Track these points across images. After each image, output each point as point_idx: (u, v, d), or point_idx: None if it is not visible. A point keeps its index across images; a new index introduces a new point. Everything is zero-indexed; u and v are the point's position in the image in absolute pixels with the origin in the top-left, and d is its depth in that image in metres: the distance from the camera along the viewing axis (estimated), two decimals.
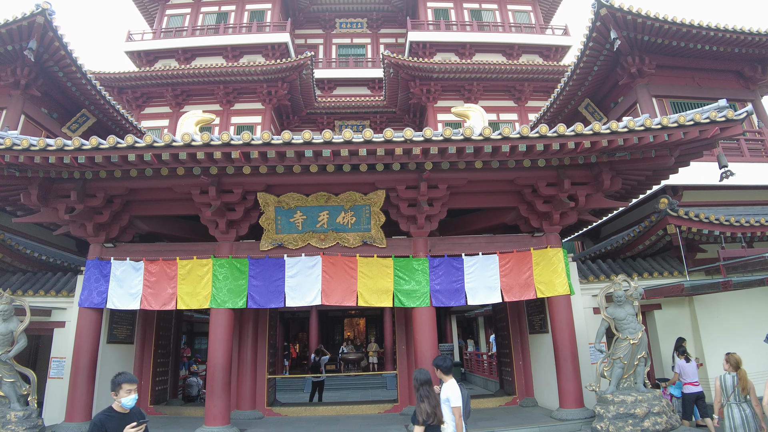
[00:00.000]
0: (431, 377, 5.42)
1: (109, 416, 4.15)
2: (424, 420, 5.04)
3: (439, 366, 5.87)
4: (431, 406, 5.09)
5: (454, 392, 5.59)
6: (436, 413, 5.09)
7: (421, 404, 5.11)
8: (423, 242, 9.66)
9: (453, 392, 5.59)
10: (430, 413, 5.05)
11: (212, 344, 9.10)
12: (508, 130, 7.74)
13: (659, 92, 13.96)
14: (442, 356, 6.06)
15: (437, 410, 5.12)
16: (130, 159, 7.79)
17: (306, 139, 7.40)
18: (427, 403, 5.11)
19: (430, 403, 5.12)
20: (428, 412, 5.05)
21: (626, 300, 8.84)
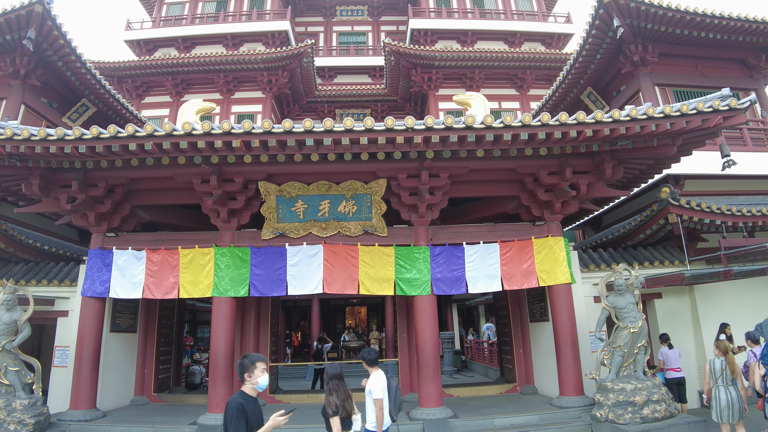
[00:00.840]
0: (341, 372, 5.50)
1: (246, 400, 3.89)
2: (333, 412, 5.15)
3: (363, 358, 6.07)
4: (340, 399, 5.19)
5: (376, 384, 5.74)
6: (344, 406, 5.19)
7: (330, 397, 5.23)
8: (424, 231, 9.66)
9: (376, 384, 5.75)
10: (339, 405, 5.16)
11: (215, 332, 9.16)
12: (510, 119, 7.72)
13: (662, 81, 13.87)
14: (367, 349, 6.25)
15: (346, 403, 5.21)
16: (130, 148, 7.78)
17: (307, 128, 7.38)
18: (335, 396, 5.22)
19: (339, 396, 5.22)
20: (337, 405, 5.16)
21: (627, 289, 8.87)
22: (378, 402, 5.70)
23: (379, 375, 5.90)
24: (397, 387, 6.22)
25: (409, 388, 10.99)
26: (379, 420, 5.69)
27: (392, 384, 6.09)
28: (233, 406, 3.74)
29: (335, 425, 5.12)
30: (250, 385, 3.93)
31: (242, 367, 3.94)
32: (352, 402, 5.31)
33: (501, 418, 8.69)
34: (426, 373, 8.97)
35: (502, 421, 8.63)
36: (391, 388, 6.04)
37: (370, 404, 5.79)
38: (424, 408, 8.82)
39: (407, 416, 9.00)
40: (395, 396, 6.10)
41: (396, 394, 6.15)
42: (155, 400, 11.24)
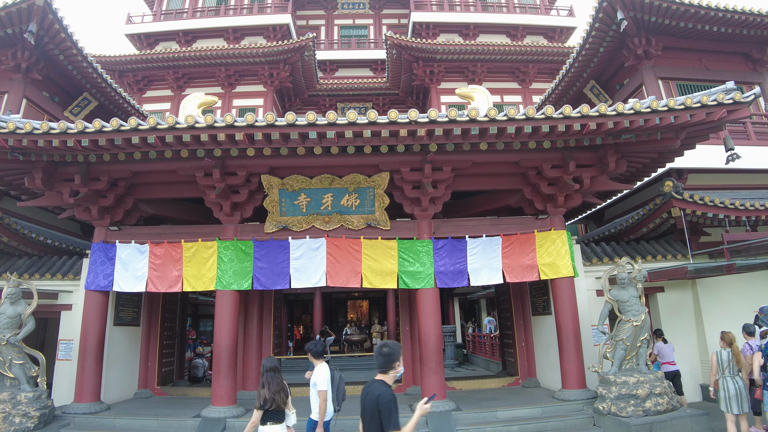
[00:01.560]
0: (277, 365, 5.59)
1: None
2: (261, 405, 5.20)
3: (310, 350, 6.25)
4: (271, 392, 5.24)
5: (320, 376, 5.96)
6: (275, 399, 5.23)
7: (261, 390, 5.28)
8: (427, 224, 9.66)
9: (320, 376, 5.96)
10: (268, 398, 5.20)
11: (218, 326, 9.18)
12: (513, 112, 7.69)
13: (665, 74, 13.81)
14: (314, 341, 6.41)
15: (277, 396, 5.25)
16: (133, 142, 7.77)
17: (310, 121, 7.36)
18: (267, 388, 5.26)
19: (270, 389, 5.26)
20: (266, 398, 5.21)
21: (630, 282, 8.87)
22: (321, 393, 5.93)
23: (324, 367, 6.12)
24: (341, 379, 6.49)
25: (411, 381, 11.04)
26: (322, 410, 5.93)
27: (336, 376, 6.38)
28: (391, 396, 3.67)
29: (255, 417, 5.22)
30: (394, 373, 3.85)
31: (393, 356, 3.82)
32: (285, 396, 5.37)
33: (504, 410, 8.72)
34: (429, 366, 8.99)
35: (505, 414, 8.66)
36: (335, 379, 6.34)
37: (314, 395, 6.03)
38: None
39: (410, 409, 9.02)
40: (338, 387, 6.39)
41: (339, 385, 6.43)
42: (159, 393, 11.29)
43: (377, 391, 3.68)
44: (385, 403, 3.60)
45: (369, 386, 3.83)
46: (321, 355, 6.27)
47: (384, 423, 3.57)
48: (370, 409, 3.69)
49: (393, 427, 3.54)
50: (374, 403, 3.65)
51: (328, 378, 6.06)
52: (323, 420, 5.97)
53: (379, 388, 3.72)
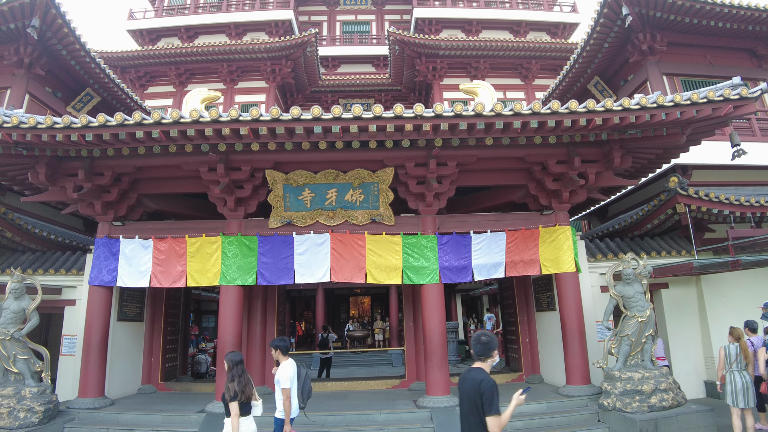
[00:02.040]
0: (243, 359, 5.75)
1: None
2: (233, 397, 5.34)
3: (278, 346, 6.20)
4: (240, 385, 5.39)
5: (284, 374, 5.92)
6: (244, 391, 5.40)
7: (230, 384, 5.41)
8: (431, 220, 9.64)
9: (283, 374, 5.92)
10: (237, 391, 5.35)
11: (222, 321, 9.17)
12: (519, 106, 7.66)
13: (670, 70, 13.77)
14: (279, 337, 6.45)
15: (246, 389, 5.43)
16: (138, 136, 7.74)
17: (315, 115, 7.33)
18: (236, 382, 5.40)
19: (240, 382, 5.41)
20: (236, 390, 5.35)
21: (635, 278, 8.85)
22: (285, 391, 5.90)
23: (289, 364, 6.07)
24: (307, 376, 6.43)
25: (415, 376, 11.02)
26: (287, 408, 5.90)
27: (302, 373, 6.32)
28: (493, 382, 3.81)
29: (233, 409, 5.32)
30: (491, 361, 4.00)
31: (490, 345, 3.97)
32: (252, 388, 5.56)
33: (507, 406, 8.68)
34: (433, 362, 8.98)
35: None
36: (301, 376, 6.28)
37: (279, 393, 5.99)
38: (431, 396, 8.84)
39: (414, 404, 9.02)
40: (304, 384, 6.33)
41: (305, 382, 6.38)
42: (162, 389, 11.30)
43: (479, 377, 3.82)
44: (487, 388, 3.74)
45: (468, 373, 3.99)
46: (287, 352, 6.25)
47: (485, 407, 3.70)
48: (469, 394, 3.84)
49: (494, 412, 3.68)
50: (476, 389, 3.77)
51: (292, 375, 6.01)
52: (289, 417, 5.95)
53: (480, 374, 3.86)
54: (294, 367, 6.13)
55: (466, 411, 3.89)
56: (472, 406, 3.79)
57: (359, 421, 8.38)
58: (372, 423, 8.34)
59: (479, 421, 3.75)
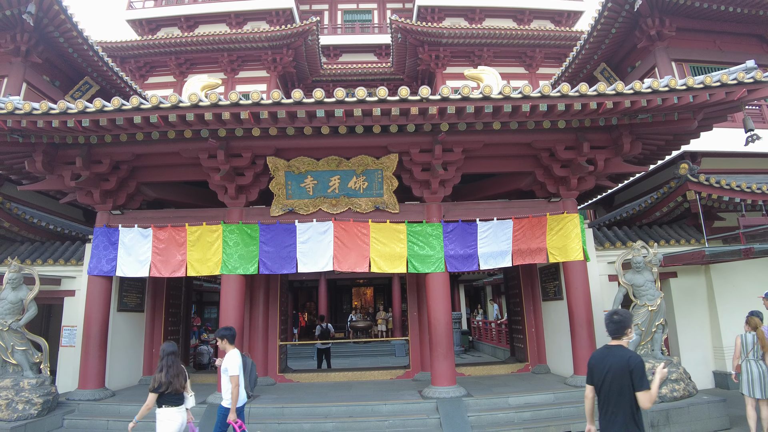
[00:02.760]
0: (176, 349, 5.71)
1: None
2: (155, 388, 5.34)
3: (224, 336, 6.12)
4: (169, 377, 5.36)
5: (231, 362, 5.89)
6: (172, 383, 5.36)
7: (158, 374, 5.39)
8: (437, 207, 9.43)
9: (231, 362, 5.89)
10: (164, 382, 5.34)
11: (224, 311, 9.00)
12: (528, 89, 7.44)
13: (679, 56, 13.49)
14: (226, 327, 6.30)
15: (175, 380, 5.40)
16: (135, 121, 7.53)
17: (317, 98, 7.11)
18: (164, 372, 5.37)
19: (169, 373, 5.38)
20: (162, 381, 5.34)
21: (645, 266, 8.68)
22: (233, 379, 5.85)
23: (234, 353, 6.02)
24: (252, 365, 6.44)
25: (420, 366, 10.88)
26: (234, 396, 5.85)
27: (247, 362, 6.30)
28: (641, 358, 3.95)
29: (149, 400, 5.35)
30: (626, 339, 4.14)
31: (624, 322, 4.12)
32: (184, 380, 5.54)
33: (515, 396, 8.55)
34: (439, 352, 8.81)
35: (517, 400, 8.49)
36: (247, 365, 6.27)
37: (225, 382, 5.93)
38: (437, 386, 8.68)
39: (420, 395, 8.87)
40: (250, 373, 6.34)
41: (251, 371, 6.38)
42: None
43: (626, 354, 3.96)
44: (637, 364, 3.88)
45: (607, 351, 4.12)
46: (234, 340, 6.17)
47: (636, 383, 3.82)
48: (616, 371, 3.92)
49: (646, 387, 3.81)
50: (624, 365, 3.88)
51: (239, 364, 5.97)
52: (235, 406, 5.88)
53: (625, 351, 4.01)
54: (240, 355, 6.10)
55: (611, 387, 3.94)
56: (620, 382, 3.88)
57: (363, 412, 8.23)
58: (377, 414, 8.19)
59: (628, 396, 3.85)
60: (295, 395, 9.32)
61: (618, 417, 3.87)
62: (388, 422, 7.85)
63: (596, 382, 4.10)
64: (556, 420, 8.01)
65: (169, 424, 5.42)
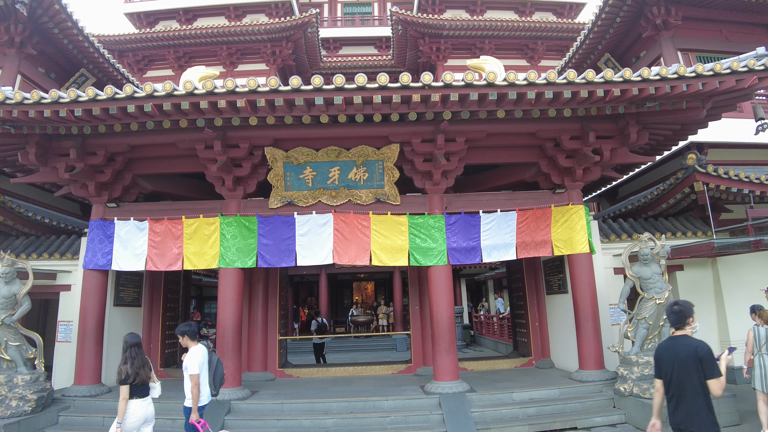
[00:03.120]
0: (140, 341, 5.59)
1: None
2: (123, 380, 5.23)
3: (184, 332, 5.86)
4: (135, 368, 5.29)
5: (192, 360, 5.64)
6: (139, 374, 5.29)
7: (123, 365, 5.28)
8: (439, 199, 9.23)
9: (191, 360, 5.64)
10: (131, 373, 5.25)
11: (222, 305, 8.82)
12: (534, 75, 7.22)
13: (685, 45, 13.26)
14: (186, 323, 6.05)
15: (141, 371, 5.33)
16: (129, 110, 7.32)
17: (316, 85, 6.90)
18: (130, 364, 5.29)
19: (135, 364, 5.30)
20: (129, 373, 5.24)
21: (652, 259, 8.46)
22: (193, 377, 5.61)
23: (197, 350, 5.79)
24: (219, 362, 6.11)
25: (422, 361, 10.71)
26: (194, 395, 5.61)
27: (213, 359, 6.02)
28: (709, 347, 3.90)
29: (122, 392, 5.21)
30: (690, 329, 4.10)
31: (685, 312, 4.10)
32: (149, 370, 5.47)
33: (520, 392, 8.37)
34: (442, 346, 8.63)
35: (521, 396, 8.31)
36: (212, 363, 5.98)
37: (186, 380, 5.71)
38: (439, 382, 8.50)
39: (422, 390, 8.69)
40: (216, 371, 6.02)
41: (217, 368, 6.06)
42: (162, 376, 10.98)
43: (693, 343, 3.92)
44: (706, 352, 3.83)
45: (672, 342, 4.10)
46: (195, 336, 5.91)
47: (707, 371, 3.78)
48: (685, 360, 3.89)
49: (717, 374, 3.78)
50: (693, 354, 3.85)
51: (201, 361, 5.72)
52: (197, 405, 5.65)
53: (692, 341, 3.96)
54: (204, 352, 5.85)
55: (681, 378, 3.91)
56: (689, 371, 3.86)
57: (365, 408, 8.05)
58: (378, 410, 8.01)
59: (698, 385, 3.82)
60: (295, 391, 9.15)
61: (692, 407, 3.85)
62: (389, 418, 7.67)
63: (664, 374, 4.06)
64: (561, 416, 7.83)
65: (134, 416, 5.30)
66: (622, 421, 7.80)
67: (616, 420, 7.79)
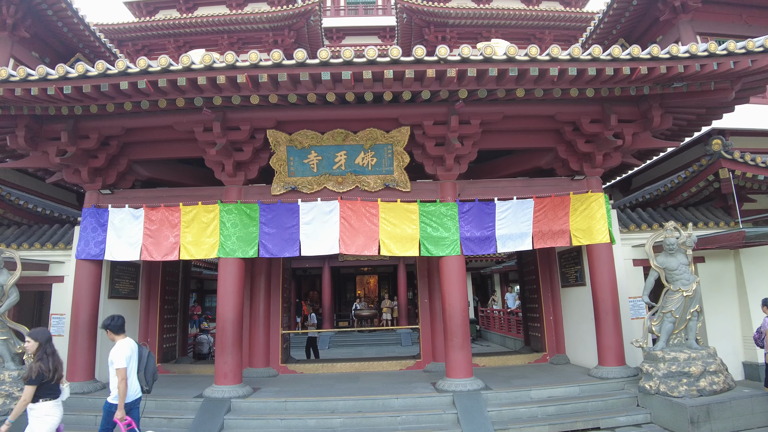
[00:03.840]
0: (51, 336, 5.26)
1: None
2: (34, 378, 4.85)
3: (107, 326, 5.53)
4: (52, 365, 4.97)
5: (118, 353, 5.31)
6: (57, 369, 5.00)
7: (37, 362, 4.93)
8: (451, 185, 8.73)
9: (117, 353, 5.31)
10: (49, 369, 4.93)
11: (221, 297, 8.34)
12: (557, 50, 6.71)
13: (704, 29, 12.75)
14: (111, 316, 5.65)
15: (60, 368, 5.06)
16: (122, 88, 6.83)
17: (323, 59, 6.39)
18: (49, 360, 4.98)
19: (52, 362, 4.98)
20: (43, 370, 4.89)
21: (678, 249, 7.97)
22: (120, 371, 5.23)
23: (125, 343, 5.43)
24: (150, 355, 5.71)
25: (431, 357, 10.25)
26: (121, 391, 5.21)
27: (143, 353, 5.64)
28: None
29: (26, 393, 4.85)
30: None
31: None
32: (62, 369, 5.20)
33: (538, 389, 7.89)
34: (454, 341, 8.15)
35: (539, 393, 7.84)
36: (143, 357, 5.62)
37: (112, 375, 5.31)
38: (452, 379, 8.02)
39: (433, 387, 8.22)
40: (147, 365, 5.63)
41: (148, 362, 5.66)
42: (160, 371, 10.38)
43: None
44: None
45: None
46: (121, 330, 5.51)
47: None
48: None
49: None
50: None
51: (129, 355, 5.33)
52: (123, 402, 5.19)
53: None
54: (131, 346, 5.47)
55: None
56: None
57: (373, 407, 7.57)
58: (388, 409, 7.54)
59: None
60: (299, 388, 8.68)
61: None
62: (400, 418, 7.19)
63: None
64: (583, 415, 7.36)
65: (48, 420, 4.91)
66: (648, 421, 7.33)
67: (641, 420, 7.32)
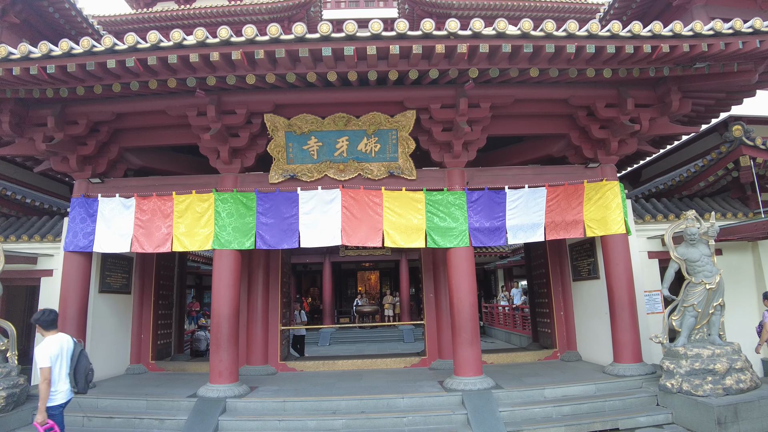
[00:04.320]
0: None
1: None
2: None
3: (36, 321, 5.09)
4: None
5: (42, 351, 4.87)
6: None
7: None
8: (459, 173, 8.28)
9: (41, 351, 4.87)
10: None
11: (216, 291, 7.89)
12: (574, 26, 6.26)
13: (718, 14, 12.20)
14: (42, 310, 5.20)
15: None
16: (109, 66, 6.37)
17: (323, 33, 5.95)
18: None
19: None
20: None
21: (700, 239, 7.52)
22: (43, 371, 4.79)
23: (52, 339, 4.97)
24: (81, 353, 5.22)
25: (437, 353, 9.82)
26: (42, 393, 4.76)
27: (76, 350, 5.16)
28: None
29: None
30: None
31: None
32: None
33: (551, 388, 7.45)
34: (463, 337, 7.71)
35: (553, 392, 7.40)
36: (74, 354, 5.15)
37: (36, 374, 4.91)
38: (461, 377, 7.58)
39: (441, 386, 7.79)
40: (78, 364, 5.13)
41: (80, 360, 5.16)
42: (154, 369, 10.12)
43: None
44: None
45: None
46: (52, 325, 5.08)
47: None
48: None
49: None
50: None
51: (55, 353, 4.89)
52: (44, 404, 4.76)
53: None
54: (58, 343, 4.98)
55: None
56: None
57: (378, 407, 7.14)
58: (393, 409, 7.10)
59: None
60: (299, 387, 8.24)
61: None
62: (406, 419, 6.75)
63: None
64: (600, 415, 6.93)
65: None
66: (669, 421, 6.89)
67: (662, 420, 6.89)
